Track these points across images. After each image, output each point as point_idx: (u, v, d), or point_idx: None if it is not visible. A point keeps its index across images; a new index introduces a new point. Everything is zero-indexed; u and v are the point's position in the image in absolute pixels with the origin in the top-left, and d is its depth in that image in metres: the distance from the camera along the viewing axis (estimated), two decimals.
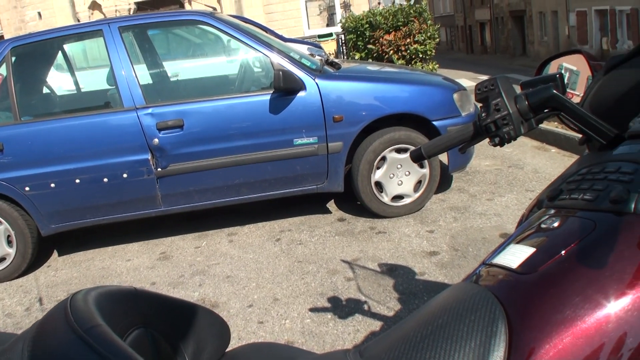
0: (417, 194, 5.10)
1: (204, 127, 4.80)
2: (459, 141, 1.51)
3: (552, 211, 1.23)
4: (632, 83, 1.52)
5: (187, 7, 22.87)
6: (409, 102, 4.96)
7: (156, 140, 4.73)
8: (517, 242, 1.20)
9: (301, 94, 4.77)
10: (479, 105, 1.43)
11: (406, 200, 5.11)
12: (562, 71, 1.94)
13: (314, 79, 4.81)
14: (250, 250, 4.87)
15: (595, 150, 1.38)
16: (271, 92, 4.77)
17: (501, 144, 1.39)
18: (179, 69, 7.12)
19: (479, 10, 41.67)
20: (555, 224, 1.16)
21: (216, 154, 4.82)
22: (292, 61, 4.86)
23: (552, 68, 1.99)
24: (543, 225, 1.18)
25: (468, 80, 19.80)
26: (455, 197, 5.49)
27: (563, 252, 1.06)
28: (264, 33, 5.58)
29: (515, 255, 1.14)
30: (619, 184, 1.09)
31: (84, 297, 1.07)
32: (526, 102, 1.34)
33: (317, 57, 5.48)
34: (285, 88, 4.68)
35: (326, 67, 5.13)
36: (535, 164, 6.29)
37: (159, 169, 4.80)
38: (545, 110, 1.36)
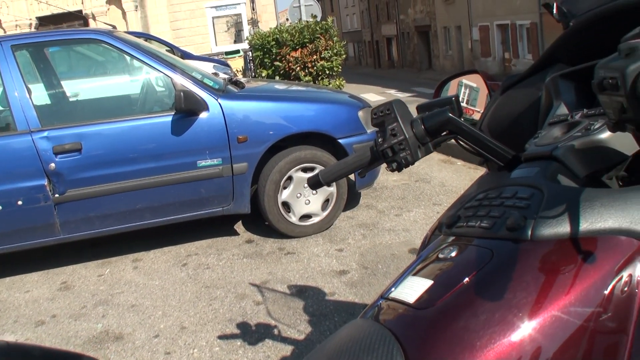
0: (325, 213, 5.08)
1: (103, 150, 4.64)
2: (357, 167, 1.48)
3: (450, 239, 1.20)
4: (528, 103, 1.53)
5: (92, 23, 22.38)
6: (314, 120, 4.95)
7: (53, 164, 4.52)
8: (415, 274, 1.16)
9: (204, 114, 4.67)
10: (376, 130, 1.40)
11: (314, 220, 5.08)
12: (462, 88, 1.94)
13: (216, 99, 4.72)
14: (156, 277, 4.72)
15: (495, 170, 1.37)
16: (173, 113, 4.65)
17: (399, 169, 1.36)
18: (79, 89, 6.87)
19: (386, 26, 42.61)
20: (453, 254, 1.12)
21: (117, 178, 4.66)
22: (194, 81, 4.76)
23: (451, 86, 1.99)
24: (441, 255, 1.15)
25: (376, 95, 20.13)
26: (363, 213, 5.50)
27: (461, 283, 1.02)
28: (165, 52, 5.46)
29: (413, 289, 1.10)
30: (516, 209, 1.07)
31: None
32: (422, 127, 1.32)
33: (223, 75, 5.41)
34: (187, 109, 4.57)
35: (230, 87, 5.05)
36: (442, 177, 6.39)
37: (57, 195, 4.59)
38: (443, 134, 1.33)
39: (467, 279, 1.03)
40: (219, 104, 4.71)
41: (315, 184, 1.53)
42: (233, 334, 3.70)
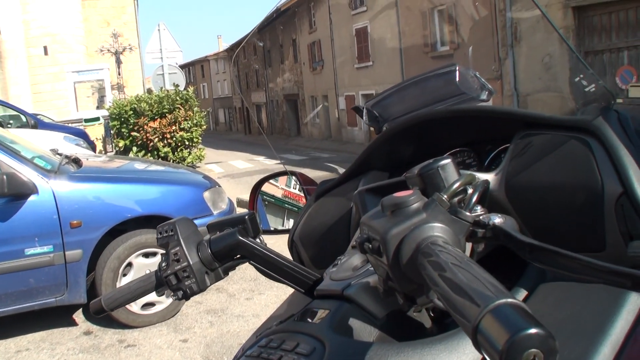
0: (170, 300, 4.77)
1: None
2: (141, 293, 1.27)
3: None
4: (340, 214, 1.38)
5: None
6: (155, 203, 4.69)
7: None
8: None
9: (33, 197, 4.28)
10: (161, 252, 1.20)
11: (158, 307, 4.76)
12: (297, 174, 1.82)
13: (47, 181, 4.36)
14: None
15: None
16: None
17: (185, 298, 1.16)
18: None
19: (255, 93, 43.15)
20: None
21: None
22: (22, 161, 4.37)
23: (280, 179, 1.87)
24: None
25: (244, 162, 20.06)
26: (213, 298, 5.23)
27: None
28: None
29: None
30: None
31: None
32: (209, 251, 1.12)
33: (74, 147, 5.05)
34: (10, 193, 4.16)
35: (65, 167, 4.70)
36: None
37: None
38: (236, 257, 1.15)
39: None
40: (50, 186, 4.35)
41: (97, 311, 1.31)
42: None
